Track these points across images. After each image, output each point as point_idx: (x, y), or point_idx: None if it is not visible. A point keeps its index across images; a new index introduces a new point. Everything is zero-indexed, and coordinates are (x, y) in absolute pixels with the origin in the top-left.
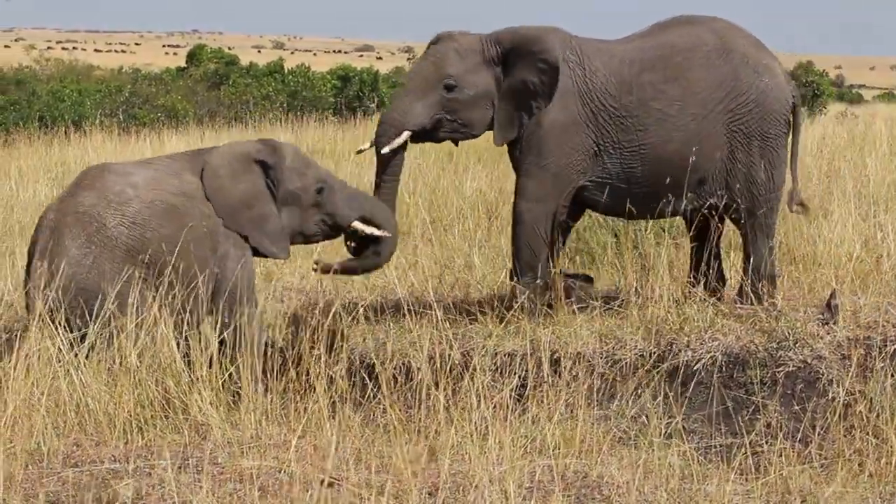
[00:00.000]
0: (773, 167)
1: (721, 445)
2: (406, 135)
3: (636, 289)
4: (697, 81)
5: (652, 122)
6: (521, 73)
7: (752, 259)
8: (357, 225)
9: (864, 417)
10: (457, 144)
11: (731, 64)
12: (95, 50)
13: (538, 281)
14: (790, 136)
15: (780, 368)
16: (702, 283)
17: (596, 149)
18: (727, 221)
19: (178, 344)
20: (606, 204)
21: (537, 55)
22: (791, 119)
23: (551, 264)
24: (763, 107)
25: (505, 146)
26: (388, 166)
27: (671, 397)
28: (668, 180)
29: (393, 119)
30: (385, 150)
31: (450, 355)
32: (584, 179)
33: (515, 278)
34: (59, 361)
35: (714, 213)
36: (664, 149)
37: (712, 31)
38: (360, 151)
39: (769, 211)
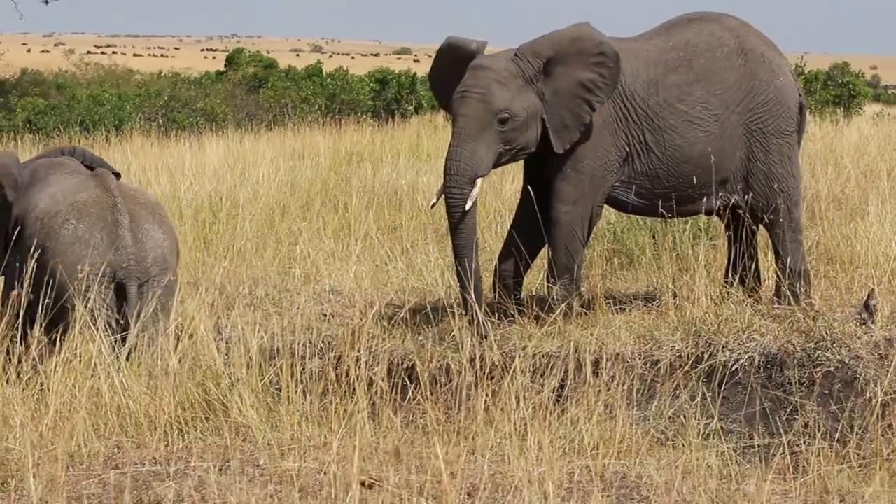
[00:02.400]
0: (791, 163)
1: (759, 445)
2: (480, 182)
3: (674, 289)
4: (720, 82)
5: (678, 124)
6: (573, 74)
7: (783, 257)
8: None
9: None
10: None
11: (749, 63)
12: (135, 54)
13: (575, 283)
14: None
15: (818, 369)
16: (738, 282)
17: (627, 150)
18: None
19: None
20: (634, 204)
21: (588, 51)
22: (798, 118)
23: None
24: (779, 105)
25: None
26: (464, 218)
27: (709, 398)
28: (694, 180)
29: (463, 170)
30: (468, 205)
31: (490, 356)
32: (615, 180)
33: (553, 280)
34: (100, 363)
35: (740, 211)
36: (691, 150)
37: (728, 29)
38: (432, 206)
39: (793, 206)
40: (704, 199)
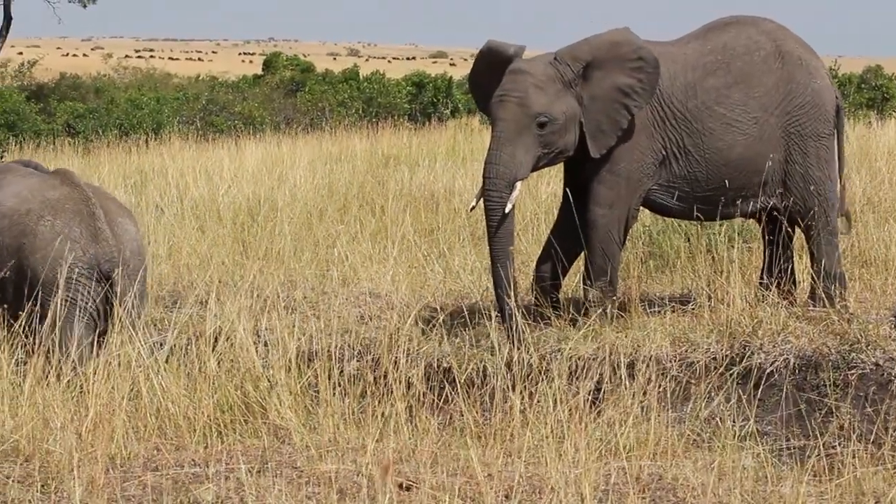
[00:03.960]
0: (827, 166)
1: (794, 447)
2: (519, 185)
3: (709, 292)
4: (758, 85)
5: (717, 127)
6: (611, 78)
7: (818, 260)
8: None
9: None
10: None
11: (786, 66)
12: (171, 58)
13: (612, 286)
14: (836, 140)
15: (853, 371)
16: (774, 285)
17: (664, 153)
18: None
19: None
20: (675, 208)
21: (627, 56)
22: (835, 121)
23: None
24: (816, 108)
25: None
26: (503, 222)
27: (744, 400)
28: (733, 183)
29: (502, 174)
30: (508, 208)
31: (527, 359)
32: (652, 183)
33: (589, 283)
34: (139, 366)
35: (777, 213)
36: (730, 153)
37: (765, 33)
38: (471, 209)
39: (829, 209)
40: (744, 203)
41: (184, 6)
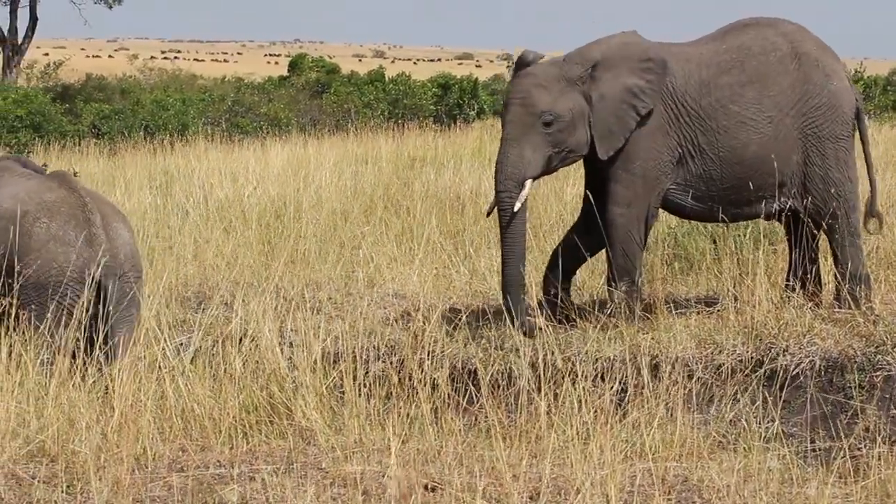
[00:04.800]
0: (847, 167)
1: (820, 449)
2: (529, 185)
3: (734, 294)
4: (773, 85)
5: (731, 125)
6: (620, 79)
7: (842, 262)
8: None
9: None
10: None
11: (803, 68)
12: (196, 60)
13: (636, 285)
14: (859, 142)
15: (879, 372)
16: (799, 287)
17: (680, 151)
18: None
19: None
20: (692, 208)
21: (636, 57)
22: (855, 123)
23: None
24: (834, 109)
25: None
26: (512, 222)
27: (770, 401)
28: (748, 183)
29: (510, 174)
30: (517, 206)
31: (552, 360)
32: (669, 182)
33: (612, 283)
34: (165, 367)
35: (798, 215)
36: (744, 151)
37: (782, 34)
38: (488, 214)
39: (850, 210)
40: (762, 203)
41: (209, 7)
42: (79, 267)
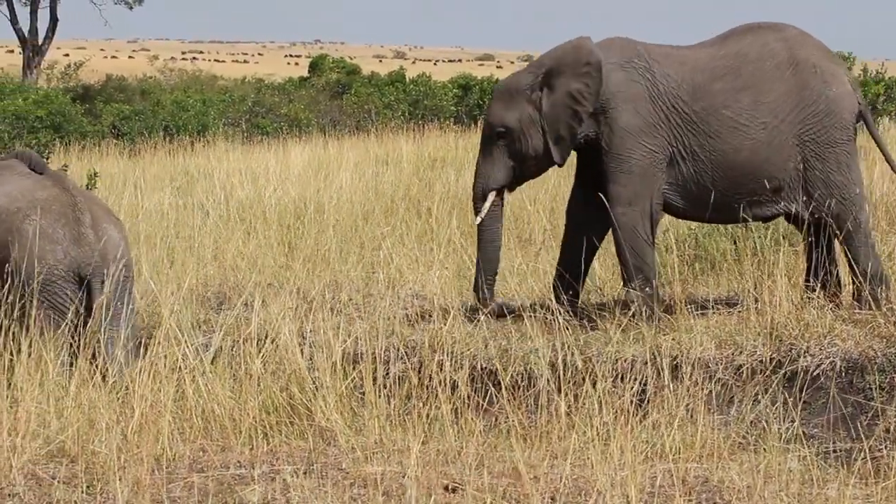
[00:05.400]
0: (849, 170)
1: (841, 450)
2: (492, 196)
3: (755, 295)
4: (767, 92)
5: (723, 130)
6: (564, 86)
7: (857, 262)
8: None
9: None
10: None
11: (800, 74)
12: (217, 60)
13: (650, 283)
14: (872, 141)
15: None
16: (819, 287)
17: (670, 151)
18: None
19: None
20: (685, 209)
21: (577, 62)
22: (857, 125)
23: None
24: (832, 115)
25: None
26: (482, 232)
27: (790, 402)
28: (740, 188)
29: (477, 187)
30: (477, 220)
31: (572, 361)
32: (664, 181)
33: (627, 284)
34: (185, 367)
35: (801, 221)
36: (736, 157)
37: (782, 40)
38: (479, 224)
39: (858, 211)
40: (757, 208)
41: (230, 8)
42: (66, 265)
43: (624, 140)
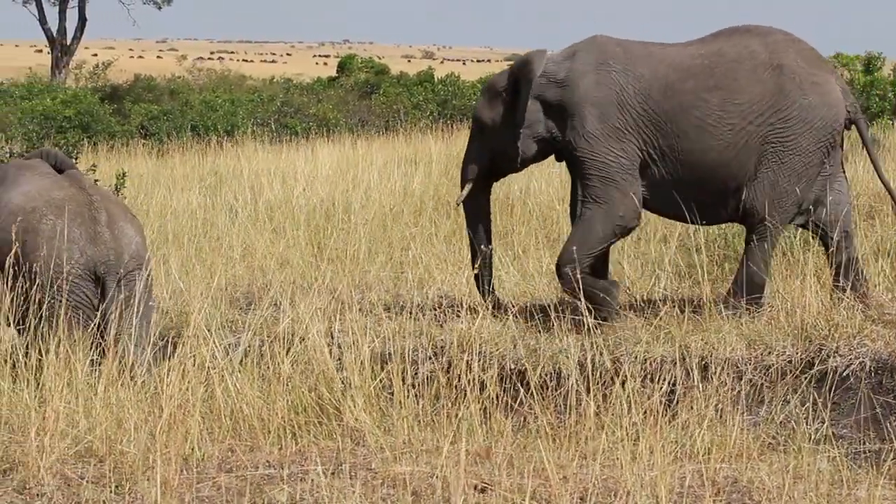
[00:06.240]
0: (798, 180)
1: (870, 451)
2: (468, 186)
3: (784, 295)
4: (739, 93)
5: (691, 130)
6: (523, 93)
7: (745, 268)
8: None
9: None
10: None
11: (777, 79)
12: (245, 60)
13: (575, 273)
14: (863, 149)
15: None
16: (849, 288)
17: (641, 156)
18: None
19: None
20: (664, 210)
21: (533, 73)
22: (839, 136)
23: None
24: (804, 124)
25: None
26: (469, 217)
27: (820, 403)
28: (710, 188)
29: (462, 173)
30: (456, 200)
31: (601, 361)
32: (638, 184)
33: (559, 262)
34: (214, 367)
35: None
36: (704, 157)
37: (765, 43)
38: (467, 221)
39: (779, 223)
40: (722, 207)
41: (259, 8)
42: (82, 264)
43: (591, 145)
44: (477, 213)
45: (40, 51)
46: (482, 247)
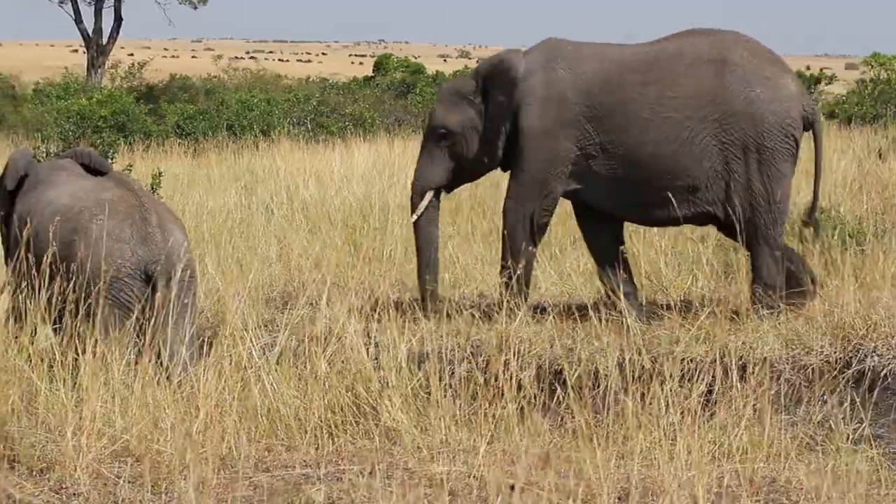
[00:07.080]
0: (770, 179)
1: None
2: (429, 195)
3: (822, 294)
4: (675, 87)
5: (628, 124)
6: (495, 95)
7: (759, 275)
8: None
9: None
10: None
11: (720, 74)
12: (280, 60)
13: (512, 279)
14: (814, 152)
15: None
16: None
17: (580, 153)
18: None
19: None
20: (609, 207)
21: (507, 74)
22: (798, 135)
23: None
24: (751, 118)
25: None
26: (418, 229)
27: (858, 403)
28: (652, 184)
29: (414, 186)
30: (413, 217)
31: (639, 361)
32: (574, 184)
33: (501, 266)
34: (250, 367)
35: (715, 224)
36: (640, 151)
37: (712, 41)
38: (415, 225)
39: (770, 223)
40: (671, 207)
41: (294, 8)
42: (133, 264)
43: (526, 141)
44: (432, 235)
45: (76, 51)
46: (434, 277)
